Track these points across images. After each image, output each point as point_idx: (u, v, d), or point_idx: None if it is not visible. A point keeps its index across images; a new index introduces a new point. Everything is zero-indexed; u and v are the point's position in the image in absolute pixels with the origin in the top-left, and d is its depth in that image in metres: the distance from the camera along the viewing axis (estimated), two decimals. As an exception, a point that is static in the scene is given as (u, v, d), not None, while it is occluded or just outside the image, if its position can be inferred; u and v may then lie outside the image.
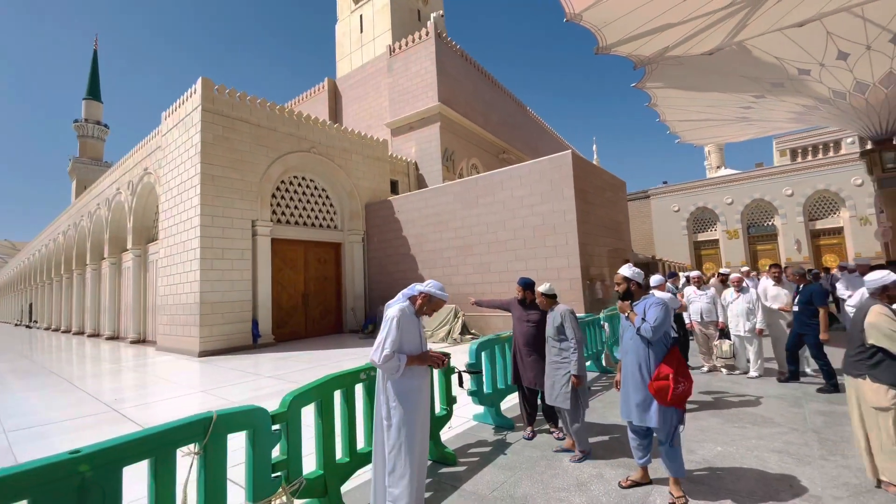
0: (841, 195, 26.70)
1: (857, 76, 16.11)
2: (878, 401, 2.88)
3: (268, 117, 12.77)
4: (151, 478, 1.99)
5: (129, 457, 1.90)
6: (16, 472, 1.58)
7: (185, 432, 2.10)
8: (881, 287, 3.13)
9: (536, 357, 4.15)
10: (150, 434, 1.98)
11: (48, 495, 1.64)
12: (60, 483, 1.68)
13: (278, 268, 13.18)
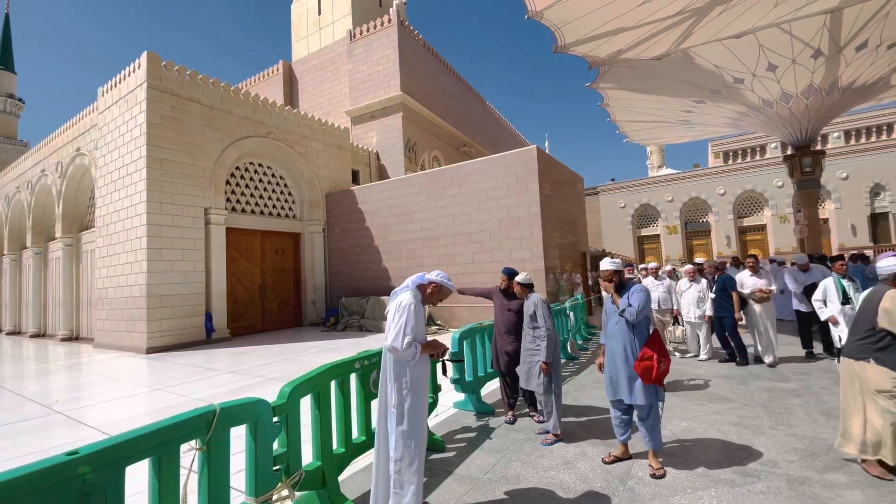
0: (765, 195, 29.35)
1: (784, 87, 17.69)
2: (881, 384, 2.93)
3: (222, 98, 12.03)
4: (154, 477, 1.88)
5: (131, 455, 1.78)
6: (10, 479, 1.44)
7: (189, 427, 2.00)
8: (892, 274, 3.13)
9: (517, 345, 4.29)
10: (152, 431, 1.87)
11: (47, 502, 1.51)
12: (60, 487, 1.54)
13: (233, 258, 12.55)
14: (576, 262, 12.86)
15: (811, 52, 16.06)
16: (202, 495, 2.06)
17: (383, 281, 13.42)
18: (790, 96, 18.16)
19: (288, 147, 13.97)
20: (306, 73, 21.95)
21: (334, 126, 16.02)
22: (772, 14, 14.62)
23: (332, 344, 10.03)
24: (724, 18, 14.85)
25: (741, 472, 3.02)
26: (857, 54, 15.75)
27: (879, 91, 18.30)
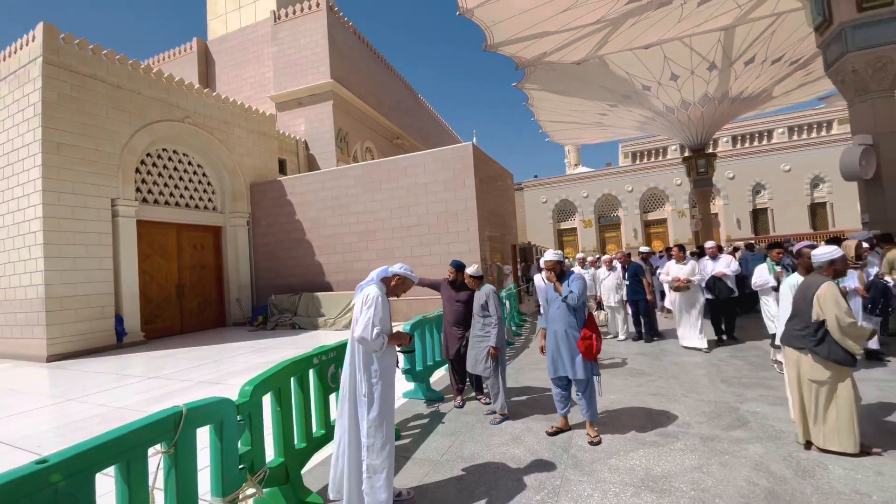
0: (666, 192, 32.76)
1: (684, 95, 19.88)
2: (815, 375, 3.04)
3: (130, 77, 10.81)
4: (123, 482, 1.80)
5: (101, 462, 1.70)
6: (-24, 493, 1.34)
7: (156, 430, 1.93)
8: (828, 261, 3.16)
9: (466, 333, 4.52)
10: (120, 435, 1.78)
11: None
12: (34, 497, 1.46)
13: (146, 254, 11.42)
14: (506, 255, 13.50)
15: (707, 65, 18.24)
16: (170, 498, 2.00)
17: (317, 276, 13.04)
18: (689, 104, 20.45)
19: (207, 133, 12.93)
20: (224, 53, 20.37)
21: (259, 112, 15.10)
22: (675, 29, 16.34)
23: (264, 343, 9.61)
24: (635, 30, 16.32)
25: (663, 433, 3.52)
26: (745, 68, 18.18)
27: (762, 101, 21.29)
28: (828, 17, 9.96)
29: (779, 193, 31.03)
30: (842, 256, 3.16)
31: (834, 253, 3.16)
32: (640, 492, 2.66)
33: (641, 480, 2.80)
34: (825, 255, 3.18)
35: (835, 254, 3.16)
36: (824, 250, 3.23)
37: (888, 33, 9.31)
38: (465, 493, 2.82)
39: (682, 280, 6.54)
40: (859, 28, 9.44)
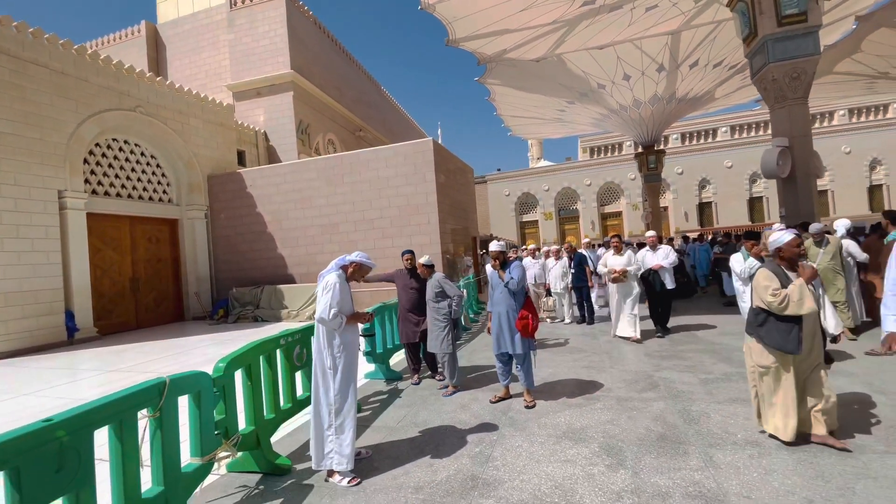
0: (621, 186, 34.42)
1: (635, 95, 21.01)
2: (761, 360, 3.03)
3: (76, 64, 10.39)
4: (116, 440, 2.11)
5: (98, 421, 2.01)
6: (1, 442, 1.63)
7: (144, 396, 2.24)
8: (775, 249, 3.13)
9: (420, 318, 4.94)
10: (114, 399, 2.09)
11: (33, 462, 1.72)
12: (42, 449, 1.76)
13: (97, 248, 11.09)
14: (467, 247, 14.02)
15: (656, 67, 19.37)
16: (156, 456, 2.32)
17: (279, 269, 13.06)
18: (640, 103, 21.62)
19: (160, 123, 12.59)
20: (176, 38, 19.61)
21: (216, 102, 14.79)
22: (626, 32, 17.27)
23: (226, 336, 9.66)
24: (589, 31, 17.12)
25: (588, 397, 4.10)
26: (690, 71, 19.45)
27: (706, 102, 22.79)
28: (753, 30, 10.94)
29: (722, 188, 33.28)
30: (788, 242, 3.06)
31: (780, 238, 3.11)
32: (561, 440, 3.20)
33: (563, 432, 3.34)
34: (774, 243, 3.16)
35: (781, 239, 3.10)
36: (775, 236, 3.17)
37: (803, 47, 10.35)
38: (416, 449, 3.27)
39: (618, 271, 6.52)
40: (779, 41, 10.44)
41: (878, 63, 19.29)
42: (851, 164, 30.18)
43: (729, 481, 2.55)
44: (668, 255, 6.75)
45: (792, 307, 2.87)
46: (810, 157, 10.55)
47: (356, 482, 2.85)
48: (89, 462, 1.93)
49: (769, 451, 2.86)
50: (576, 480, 2.67)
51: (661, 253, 6.79)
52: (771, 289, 2.95)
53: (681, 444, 3.04)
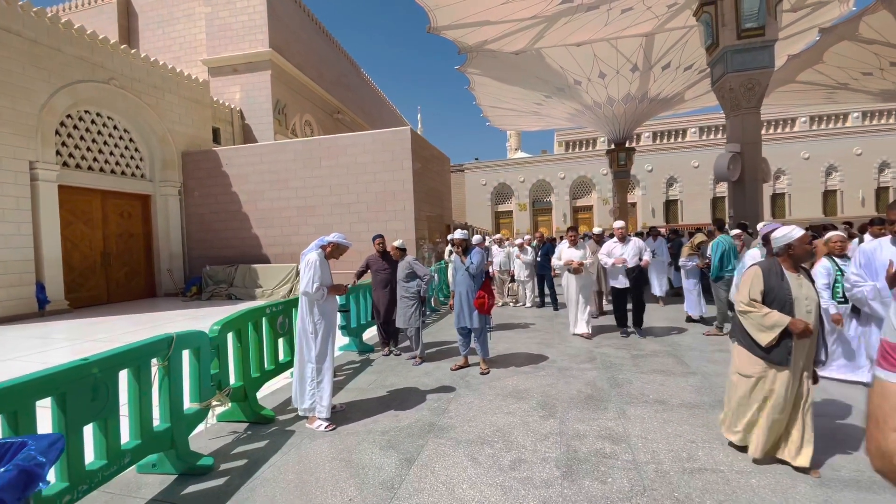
0: (593, 181, 35.54)
1: (610, 93, 21.78)
2: (744, 368, 2.71)
3: (49, 33, 10.18)
4: (134, 381, 2.55)
5: (121, 363, 2.44)
6: (50, 373, 2.07)
7: (156, 347, 2.67)
8: (785, 245, 2.68)
9: (391, 297, 5.45)
10: (133, 347, 2.52)
11: (76, 390, 2.15)
12: (82, 381, 2.19)
13: (68, 221, 11.01)
14: (441, 233, 14.53)
15: (630, 66, 20.15)
16: (163, 398, 2.76)
17: (254, 249, 13.24)
18: (614, 101, 22.41)
19: (135, 97, 12.44)
20: (149, 7, 18.99)
21: (192, 78, 14.61)
22: (603, 31, 17.92)
23: (201, 312, 9.89)
24: (568, 28, 17.68)
25: (535, 367, 4.74)
26: (662, 72, 20.33)
27: (677, 103, 23.81)
28: (715, 41, 11.71)
29: (688, 186, 34.83)
30: (800, 238, 2.64)
31: (791, 234, 2.67)
32: (507, 398, 3.81)
33: (509, 392, 3.96)
34: (782, 238, 2.70)
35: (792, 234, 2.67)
36: (781, 232, 2.73)
37: (758, 59, 11.17)
38: (384, 404, 3.81)
39: (575, 263, 6.15)
40: (738, 52, 11.23)
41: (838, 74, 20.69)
42: (809, 170, 32.12)
43: (634, 427, 3.20)
44: (643, 250, 6.01)
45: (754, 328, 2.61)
46: (759, 163, 11.50)
47: (332, 427, 3.36)
48: (115, 396, 2.37)
49: (672, 408, 3.54)
50: (514, 426, 3.27)
51: (632, 248, 5.97)
52: (751, 294, 2.64)
53: (602, 401, 3.69)
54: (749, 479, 2.47)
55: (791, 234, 2.68)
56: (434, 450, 2.95)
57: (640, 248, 6.00)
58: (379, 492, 2.49)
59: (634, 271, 5.97)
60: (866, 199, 31.02)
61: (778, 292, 2.62)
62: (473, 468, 2.70)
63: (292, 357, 4.25)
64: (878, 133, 31.06)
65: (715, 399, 3.66)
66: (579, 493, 2.41)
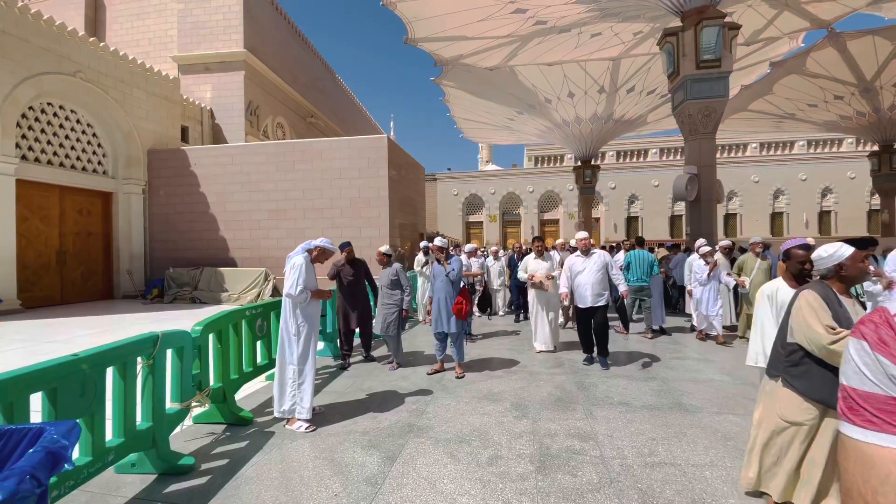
0: (560, 195, 36.66)
1: (578, 112, 22.70)
2: (794, 415, 2.28)
3: (17, 23, 9.70)
4: (120, 379, 2.56)
5: (109, 361, 2.45)
6: (41, 368, 2.08)
7: (142, 346, 2.69)
8: (835, 266, 2.29)
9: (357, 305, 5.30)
10: (120, 345, 2.54)
11: (66, 385, 2.17)
12: (72, 376, 2.20)
13: (23, 217, 10.42)
14: (415, 242, 14.65)
15: (598, 88, 21.12)
16: (147, 397, 2.77)
17: (220, 252, 12.92)
18: (581, 120, 23.35)
19: (101, 91, 11.99)
20: (119, 0, 18.35)
21: (161, 74, 14.21)
22: (573, 53, 18.74)
23: (164, 315, 9.57)
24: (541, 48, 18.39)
25: (507, 371, 4.95)
26: (627, 95, 21.40)
27: (640, 125, 25.04)
28: (676, 69, 12.52)
29: (648, 204, 36.47)
30: (852, 257, 2.25)
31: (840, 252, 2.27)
32: (482, 400, 3.99)
33: (484, 395, 4.13)
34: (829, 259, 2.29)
35: (842, 254, 2.27)
36: (827, 250, 2.32)
37: (715, 89, 12.00)
38: (363, 407, 3.90)
39: (538, 277, 5.87)
40: (697, 82, 12.03)
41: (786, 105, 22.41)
42: (758, 192, 34.38)
43: (600, 427, 3.45)
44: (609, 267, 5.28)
45: (834, 356, 2.11)
46: (713, 185, 12.31)
47: (312, 428, 3.43)
48: (102, 392, 2.38)
49: (635, 409, 3.81)
50: (490, 426, 3.44)
51: (595, 262, 5.20)
52: (824, 322, 2.15)
53: (571, 403, 3.93)
54: (703, 472, 2.75)
55: (840, 252, 2.26)
56: (415, 448, 3.08)
57: (606, 262, 5.24)
58: (363, 487, 2.59)
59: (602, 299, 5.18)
60: (810, 221, 33.47)
61: (843, 322, 2.16)
62: (453, 464, 2.85)
63: (269, 360, 4.29)
64: (822, 161, 33.71)
65: (672, 401, 3.98)
66: (552, 485, 2.60)
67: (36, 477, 1.15)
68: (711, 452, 3.00)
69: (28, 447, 1.36)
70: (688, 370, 5.02)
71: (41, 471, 1.18)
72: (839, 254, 2.27)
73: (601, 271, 5.24)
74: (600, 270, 5.24)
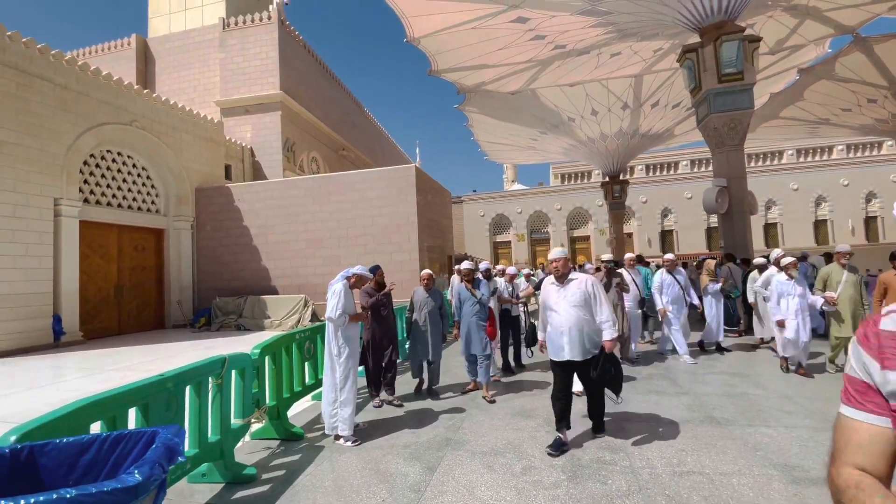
0: (589, 212, 36.35)
1: (602, 129, 22.81)
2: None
3: (78, 79, 10.98)
4: (195, 396, 2.94)
5: (188, 380, 2.84)
6: (137, 387, 2.47)
7: (214, 367, 3.08)
8: None
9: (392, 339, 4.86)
10: (196, 366, 2.93)
11: (156, 401, 2.55)
12: (160, 393, 2.59)
13: (85, 255, 11.46)
14: (442, 264, 15.01)
15: (621, 105, 21.24)
16: (216, 413, 3.13)
17: (263, 281, 13.66)
18: (607, 136, 23.42)
19: (154, 137, 13.19)
20: (166, 53, 20.19)
21: (207, 119, 15.46)
22: (594, 73, 19.02)
23: (212, 342, 10.18)
24: (561, 70, 18.79)
25: (540, 390, 5.10)
26: (652, 110, 21.42)
27: (667, 138, 24.85)
28: (698, 84, 12.58)
29: (682, 217, 35.57)
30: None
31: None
32: (516, 417, 4.17)
33: (518, 412, 4.31)
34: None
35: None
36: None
37: (739, 101, 11.96)
38: (401, 423, 4.17)
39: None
40: (720, 95, 12.03)
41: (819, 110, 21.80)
42: (799, 200, 33.01)
43: (630, 439, 3.56)
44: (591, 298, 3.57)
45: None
46: (745, 196, 12.11)
47: (358, 443, 3.71)
48: (183, 407, 2.76)
49: (664, 423, 3.90)
50: (523, 440, 3.62)
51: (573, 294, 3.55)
52: None
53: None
54: (730, 479, 2.83)
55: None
56: (453, 460, 3.30)
57: (589, 293, 3.55)
58: (408, 494, 2.83)
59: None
60: (856, 228, 31.77)
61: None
62: (489, 474, 3.05)
63: (316, 380, 4.63)
64: (863, 165, 32.19)
65: (704, 415, 4.03)
66: (583, 492, 2.76)
67: (161, 465, 1.48)
68: (740, 462, 3.07)
69: (144, 446, 1.71)
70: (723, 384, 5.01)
71: (164, 461, 1.51)
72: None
73: (582, 307, 3.52)
74: (580, 305, 3.51)
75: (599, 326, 3.53)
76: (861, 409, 0.83)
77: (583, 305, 3.53)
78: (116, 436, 1.70)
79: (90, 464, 1.64)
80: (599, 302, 3.56)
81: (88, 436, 1.68)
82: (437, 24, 14.81)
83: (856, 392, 0.85)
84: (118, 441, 1.69)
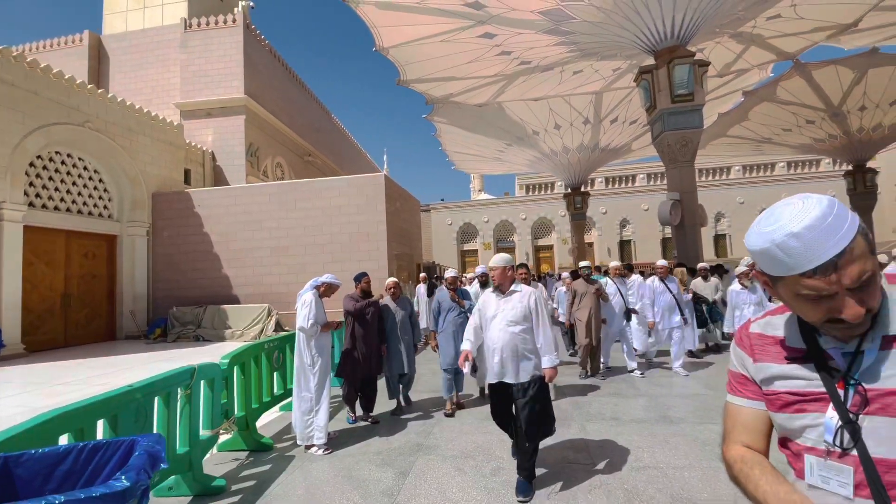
0: (553, 222, 37.45)
1: (565, 142, 23.65)
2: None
3: (27, 77, 10.36)
4: (164, 407, 2.89)
5: (157, 391, 2.80)
6: (107, 398, 2.43)
7: (183, 377, 3.03)
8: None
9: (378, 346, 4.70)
10: (166, 376, 2.89)
11: (124, 412, 2.51)
12: (129, 404, 2.54)
13: (28, 262, 10.72)
14: (411, 272, 15.05)
15: (583, 120, 22.14)
16: (184, 424, 3.08)
17: (224, 290, 13.21)
18: (569, 149, 24.28)
19: (109, 139, 12.58)
20: (122, 51, 19.32)
21: (166, 121, 14.90)
22: (557, 88, 19.76)
23: (170, 354, 9.76)
24: (526, 85, 19.41)
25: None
26: (611, 125, 22.44)
27: (625, 152, 26.04)
28: (653, 103, 13.36)
29: (639, 228, 37.21)
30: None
31: None
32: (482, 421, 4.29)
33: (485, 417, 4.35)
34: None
35: None
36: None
37: (690, 120, 12.78)
38: (372, 431, 4.22)
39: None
40: (673, 114, 12.82)
41: (762, 130, 23.50)
42: (745, 213, 35.28)
43: (591, 437, 3.77)
44: (532, 314, 3.10)
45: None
46: (696, 209, 12.92)
47: (329, 451, 3.72)
48: (151, 418, 2.71)
49: (623, 423, 4.14)
50: (492, 443, 3.76)
51: (512, 307, 3.09)
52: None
53: (566, 420, 4.26)
54: (682, 473, 3.08)
55: None
56: (424, 464, 3.39)
57: (531, 308, 3.08)
58: (381, 498, 2.90)
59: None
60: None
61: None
62: (460, 476, 3.16)
63: (285, 390, 4.59)
64: (802, 181, 34.89)
65: (659, 415, 4.31)
66: (550, 489, 2.92)
67: (146, 471, 1.51)
68: (691, 456, 3.33)
69: (123, 455, 1.71)
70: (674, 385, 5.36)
71: (147, 467, 1.54)
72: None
73: (521, 324, 3.05)
74: (517, 323, 3.05)
75: (537, 343, 3.03)
76: (742, 396, 0.98)
77: (521, 322, 3.03)
78: (94, 445, 1.70)
79: (67, 473, 1.63)
80: (542, 322, 3.06)
81: (64, 445, 1.67)
82: (406, 35, 15.03)
83: (737, 383, 1.00)
84: (96, 450, 1.69)
